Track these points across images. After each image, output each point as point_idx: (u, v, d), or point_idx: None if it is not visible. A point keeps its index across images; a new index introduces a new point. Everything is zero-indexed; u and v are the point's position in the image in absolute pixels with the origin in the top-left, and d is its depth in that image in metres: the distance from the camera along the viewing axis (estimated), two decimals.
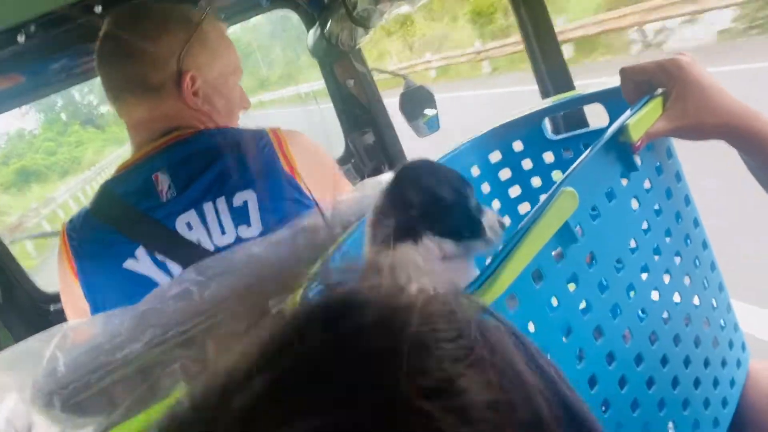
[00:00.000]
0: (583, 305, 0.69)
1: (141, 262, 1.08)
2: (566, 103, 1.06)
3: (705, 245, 0.89)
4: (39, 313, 1.84)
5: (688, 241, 0.85)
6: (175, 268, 1.07)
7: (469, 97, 11.20)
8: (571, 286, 0.68)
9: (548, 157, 1.09)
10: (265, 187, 1.12)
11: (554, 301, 0.66)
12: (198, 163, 1.13)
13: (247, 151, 1.16)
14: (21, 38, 1.46)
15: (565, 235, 0.65)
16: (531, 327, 0.63)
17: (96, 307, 1.11)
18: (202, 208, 1.09)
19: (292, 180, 1.16)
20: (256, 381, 0.27)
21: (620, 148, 0.73)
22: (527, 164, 1.11)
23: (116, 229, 1.10)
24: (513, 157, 1.11)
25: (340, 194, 1.28)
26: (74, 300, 1.16)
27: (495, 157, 1.12)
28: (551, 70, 1.17)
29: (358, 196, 1.08)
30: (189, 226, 1.09)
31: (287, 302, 0.79)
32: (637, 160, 0.75)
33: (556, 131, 1.13)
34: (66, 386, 0.87)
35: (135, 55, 1.18)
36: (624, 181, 0.75)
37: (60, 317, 1.83)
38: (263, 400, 0.26)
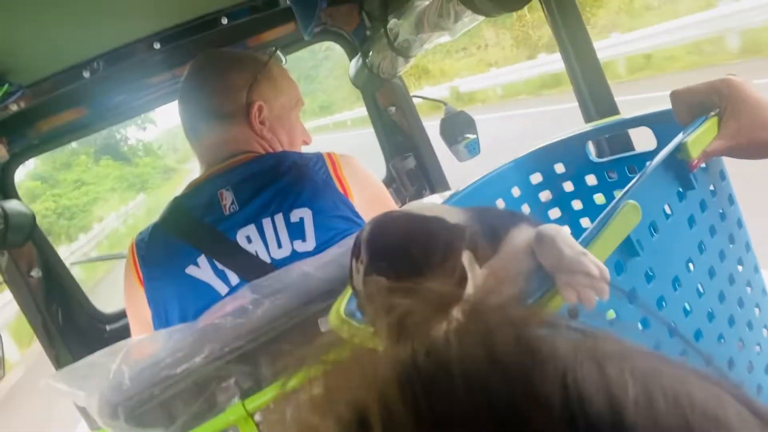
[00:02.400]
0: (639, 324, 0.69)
1: (202, 269, 1.16)
2: (611, 126, 1.06)
3: (756, 269, 0.88)
4: (96, 333, 1.92)
5: (741, 265, 0.85)
6: (233, 277, 1.16)
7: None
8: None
9: (591, 179, 1.10)
10: (319, 205, 1.20)
11: (612, 314, 0.66)
12: (259, 182, 1.23)
13: (304, 171, 1.25)
14: (86, 74, 1.58)
15: (626, 248, 0.66)
16: None
17: (157, 312, 1.19)
18: (261, 223, 1.18)
19: (344, 199, 1.24)
20: None
21: (678, 166, 0.74)
22: (568, 186, 1.12)
23: (182, 239, 1.21)
24: (554, 179, 1.12)
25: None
26: (138, 308, 1.25)
27: (536, 178, 1.13)
28: (594, 93, 1.17)
29: None
30: (248, 239, 1.18)
31: (329, 315, 0.82)
32: (694, 179, 0.76)
33: (600, 154, 1.14)
34: (130, 398, 0.92)
35: (211, 88, 1.35)
36: (680, 201, 0.76)
37: (115, 337, 1.92)
38: None
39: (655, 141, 0.97)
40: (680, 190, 0.75)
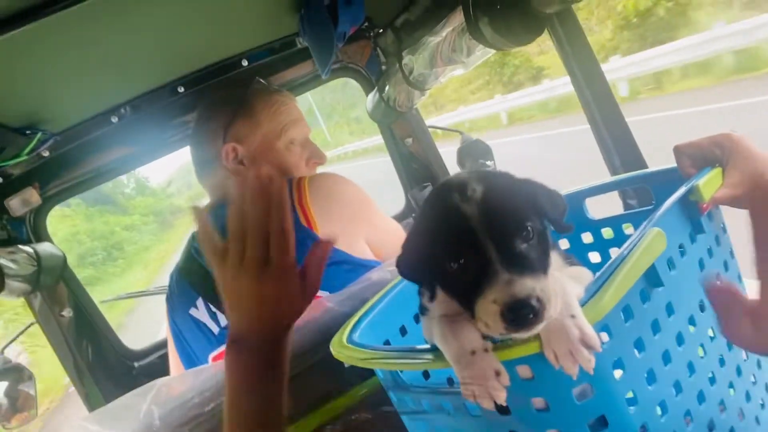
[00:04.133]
0: (663, 354, 0.69)
1: (200, 311, 1.25)
2: (606, 186, 1.06)
3: None
4: (125, 370, 1.95)
5: None
6: (222, 318, 1.23)
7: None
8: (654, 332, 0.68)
9: (586, 237, 1.09)
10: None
11: (637, 353, 0.65)
12: None
13: None
14: (114, 119, 1.64)
15: (651, 277, 0.66)
16: (617, 374, 0.63)
17: (178, 343, 1.30)
18: None
19: (309, 233, 1.20)
20: None
21: (690, 207, 0.76)
22: (563, 244, 1.11)
23: (188, 281, 1.30)
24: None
25: (389, 237, 1.33)
26: (171, 345, 1.37)
27: None
28: (620, 147, 1.16)
29: None
30: None
31: (332, 342, 0.84)
32: (704, 223, 0.78)
33: (626, 203, 1.14)
34: None
35: (197, 136, 1.43)
36: (692, 242, 0.77)
37: (143, 373, 1.95)
38: None
39: (654, 200, 0.99)
40: (692, 232, 0.77)
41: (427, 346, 0.72)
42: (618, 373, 0.63)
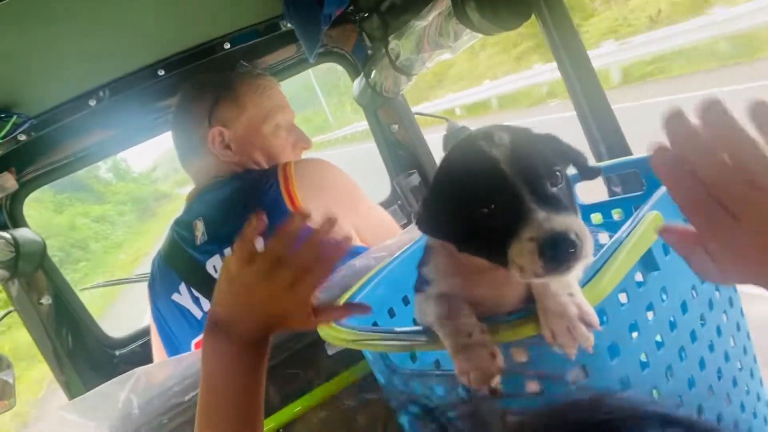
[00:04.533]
0: (657, 339, 0.69)
1: (183, 296, 1.24)
2: (603, 169, 1.05)
3: (742, 314, 0.89)
4: (105, 358, 1.93)
5: (731, 303, 0.85)
6: (205, 303, 1.23)
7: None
8: (649, 315, 0.68)
9: None
10: (271, 229, 1.18)
11: (634, 336, 0.66)
12: (221, 210, 1.28)
13: (256, 194, 1.26)
14: (92, 102, 1.60)
15: (647, 261, 0.66)
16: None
17: (161, 330, 1.30)
18: (223, 254, 1.23)
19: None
20: None
21: None
22: None
23: (171, 267, 1.29)
24: None
25: (373, 222, 1.33)
26: (153, 331, 1.36)
27: None
28: (606, 134, 1.16)
29: (407, 238, 1.12)
30: (215, 269, 1.23)
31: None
32: None
33: (611, 190, 1.14)
34: (139, 428, 0.92)
35: (178, 119, 1.42)
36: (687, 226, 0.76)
37: (124, 362, 1.93)
38: None
39: (645, 185, 0.99)
40: (685, 218, 0.76)
41: (418, 327, 0.71)
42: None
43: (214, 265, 1.22)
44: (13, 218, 1.74)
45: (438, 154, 2.04)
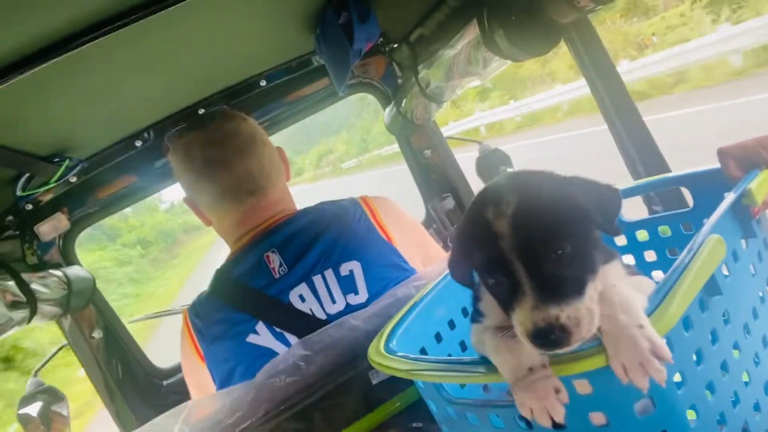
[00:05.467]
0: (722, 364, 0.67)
1: (262, 336, 1.17)
2: (640, 188, 1.04)
3: None
4: (153, 388, 1.98)
5: None
6: (292, 338, 1.15)
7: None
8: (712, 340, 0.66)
9: (620, 240, 1.06)
10: (367, 255, 1.22)
11: (699, 355, 0.64)
12: (303, 240, 1.24)
13: (345, 222, 1.27)
14: (138, 144, 1.68)
15: (709, 285, 0.64)
16: (677, 377, 0.62)
17: (222, 382, 1.19)
18: (312, 281, 1.19)
19: (390, 246, 1.25)
20: None
21: (742, 212, 0.74)
22: None
23: (237, 308, 1.20)
24: None
25: (430, 254, 1.34)
26: (198, 381, 1.25)
27: None
28: (643, 153, 1.15)
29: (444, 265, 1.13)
30: (302, 298, 1.18)
31: (369, 350, 0.84)
32: (755, 227, 0.76)
33: (651, 209, 1.12)
34: None
35: (247, 152, 1.32)
36: (744, 246, 0.75)
37: (171, 392, 1.98)
38: None
39: (692, 201, 0.97)
40: (743, 236, 0.75)
41: (476, 357, 0.71)
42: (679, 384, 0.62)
43: (300, 294, 1.19)
44: (65, 256, 1.82)
45: (470, 175, 2.05)
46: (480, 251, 0.65)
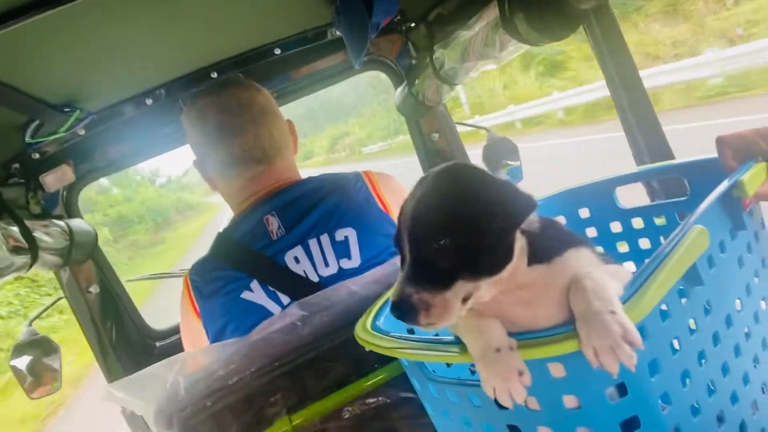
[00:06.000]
0: (699, 354, 0.68)
1: (256, 293, 1.21)
2: (638, 174, 1.05)
3: None
4: (146, 348, 1.99)
5: None
6: (284, 298, 1.20)
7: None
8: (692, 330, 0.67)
9: (615, 227, 1.07)
10: (363, 223, 1.25)
11: (676, 344, 0.65)
12: (303, 205, 1.28)
13: (346, 192, 1.30)
14: (149, 101, 1.68)
15: (691, 275, 0.65)
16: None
17: (215, 337, 1.23)
18: (307, 244, 1.23)
19: (387, 217, 1.29)
20: None
21: (732, 203, 0.75)
22: (591, 232, 1.10)
23: (234, 267, 1.25)
24: (577, 225, 1.10)
25: None
26: (194, 338, 1.30)
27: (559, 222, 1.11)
28: (651, 145, 1.16)
29: None
30: (296, 260, 1.22)
31: (356, 327, 0.86)
32: (745, 219, 0.76)
33: (653, 198, 1.13)
34: (184, 409, 0.96)
35: (259, 120, 1.38)
36: (732, 239, 0.75)
37: (164, 353, 1.99)
38: None
39: (689, 190, 0.97)
40: (732, 228, 0.75)
41: (451, 338, 0.73)
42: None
43: (295, 256, 1.23)
44: (68, 209, 1.83)
45: (479, 165, 2.05)
46: (396, 228, 0.74)
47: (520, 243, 0.71)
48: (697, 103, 10.33)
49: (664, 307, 0.64)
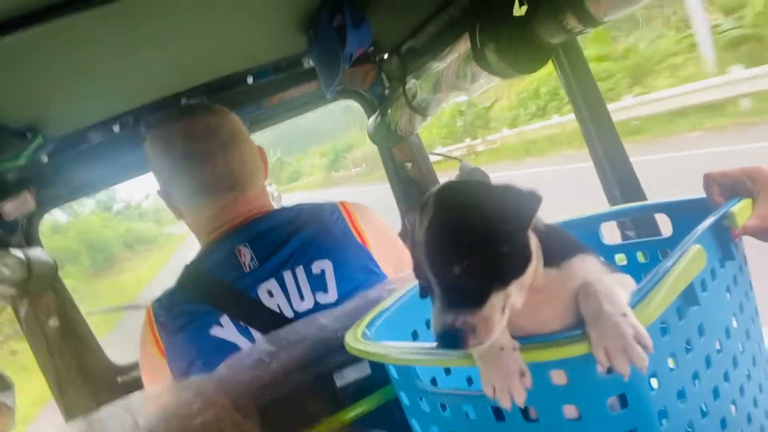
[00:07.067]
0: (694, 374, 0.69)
1: (226, 329, 1.14)
2: (626, 211, 1.07)
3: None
4: (107, 383, 1.91)
5: (758, 347, 0.85)
6: (257, 334, 1.13)
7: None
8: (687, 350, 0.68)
9: None
10: (340, 256, 1.21)
11: (671, 362, 0.66)
12: (277, 236, 1.22)
13: (322, 223, 1.25)
14: (116, 128, 1.64)
15: (688, 295, 0.67)
16: (654, 383, 0.64)
17: (181, 375, 1.15)
18: (282, 277, 1.17)
19: (364, 250, 1.25)
20: None
21: (722, 233, 0.77)
22: None
23: (203, 301, 1.18)
24: None
25: (404, 263, 1.34)
26: (156, 376, 1.22)
27: None
28: (620, 178, 1.18)
29: None
30: (270, 293, 1.16)
31: (346, 336, 0.84)
32: (734, 249, 0.78)
33: (624, 234, 1.15)
34: None
35: (229, 146, 1.31)
36: (721, 267, 0.77)
37: (126, 388, 1.90)
38: None
39: (671, 228, 0.99)
40: (722, 257, 0.78)
41: None
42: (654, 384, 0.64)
43: (268, 290, 1.16)
44: (28, 237, 1.76)
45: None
46: (412, 255, 0.73)
47: (534, 241, 0.71)
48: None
49: (663, 323, 0.65)
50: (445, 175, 2.14)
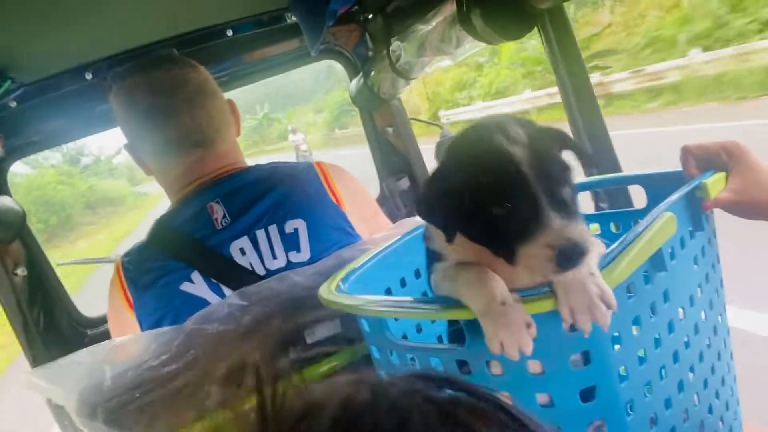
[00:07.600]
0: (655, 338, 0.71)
1: (197, 285, 1.13)
2: (605, 182, 1.09)
3: (728, 332, 0.92)
4: (76, 336, 1.89)
5: (719, 318, 0.88)
6: (228, 291, 1.12)
7: None
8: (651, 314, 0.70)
9: None
10: (314, 216, 1.20)
11: (635, 330, 0.68)
12: (250, 193, 1.21)
13: (297, 182, 1.24)
14: (89, 76, 1.59)
15: (656, 261, 0.68)
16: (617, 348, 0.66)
17: (149, 321, 1.15)
18: (254, 235, 1.17)
19: (338, 210, 1.24)
20: None
21: (694, 203, 0.79)
22: None
23: (173, 257, 1.16)
24: None
25: (379, 227, 1.34)
26: (124, 329, 1.20)
27: None
28: (598, 149, 1.19)
29: (395, 233, 1.13)
30: (242, 251, 1.16)
31: (320, 290, 0.84)
32: (704, 221, 0.80)
33: (597, 206, 1.16)
34: (110, 399, 0.91)
35: (197, 101, 1.28)
36: (691, 238, 0.79)
37: (95, 341, 1.88)
38: None
39: (646, 200, 1.01)
40: (692, 228, 0.79)
41: (429, 296, 0.72)
42: (615, 348, 0.66)
43: (241, 247, 1.16)
44: None
45: (430, 162, 2.06)
46: (494, 177, 0.64)
47: None
48: None
49: (630, 285, 0.67)
50: (424, 142, 2.13)
